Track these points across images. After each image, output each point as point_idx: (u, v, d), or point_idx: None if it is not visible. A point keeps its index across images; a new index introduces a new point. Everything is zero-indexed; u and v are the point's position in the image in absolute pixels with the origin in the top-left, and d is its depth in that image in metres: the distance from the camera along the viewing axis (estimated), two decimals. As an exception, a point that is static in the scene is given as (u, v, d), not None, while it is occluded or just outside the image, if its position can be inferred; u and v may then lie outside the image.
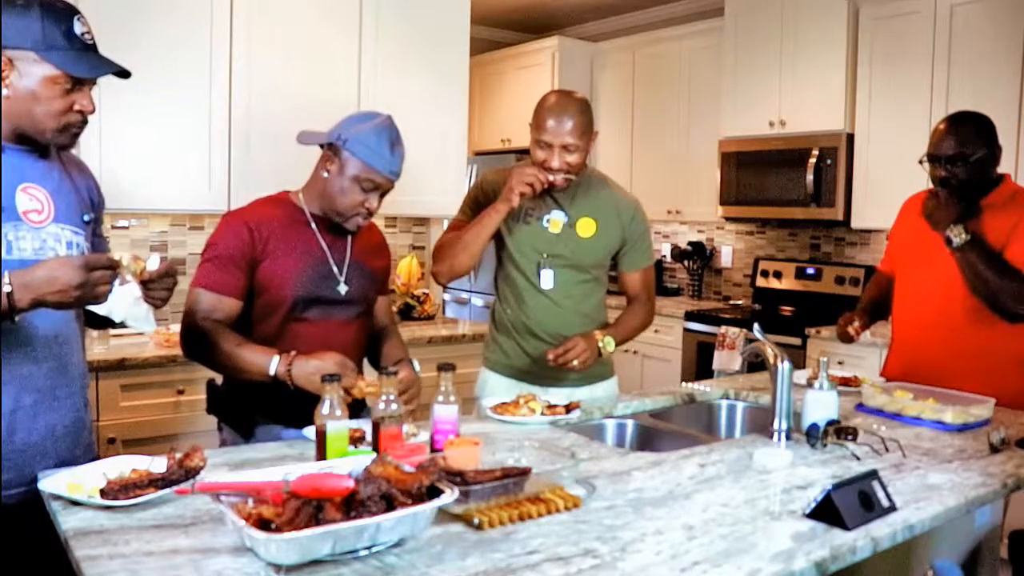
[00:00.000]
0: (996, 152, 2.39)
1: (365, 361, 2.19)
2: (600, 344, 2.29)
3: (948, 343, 2.41)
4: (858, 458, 1.80)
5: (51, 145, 1.63)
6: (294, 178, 2.17)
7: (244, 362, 1.87)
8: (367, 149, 1.92)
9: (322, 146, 2.00)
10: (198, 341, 1.93)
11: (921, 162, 2.44)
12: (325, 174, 1.98)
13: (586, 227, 2.39)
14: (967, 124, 2.38)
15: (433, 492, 1.29)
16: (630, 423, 2.26)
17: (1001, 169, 2.45)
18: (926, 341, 2.47)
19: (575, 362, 2.23)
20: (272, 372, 1.83)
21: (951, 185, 2.34)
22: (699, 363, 4.64)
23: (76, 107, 1.59)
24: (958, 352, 2.39)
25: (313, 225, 2.03)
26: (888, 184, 4.02)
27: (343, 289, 2.03)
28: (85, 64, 1.58)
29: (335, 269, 2.03)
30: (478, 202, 2.42)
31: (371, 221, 2.10)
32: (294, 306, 1.97)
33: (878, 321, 2.71)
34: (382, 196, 2.00)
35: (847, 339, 2.57)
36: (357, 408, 2.08)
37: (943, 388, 2.26)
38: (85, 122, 1.63)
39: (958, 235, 2.25)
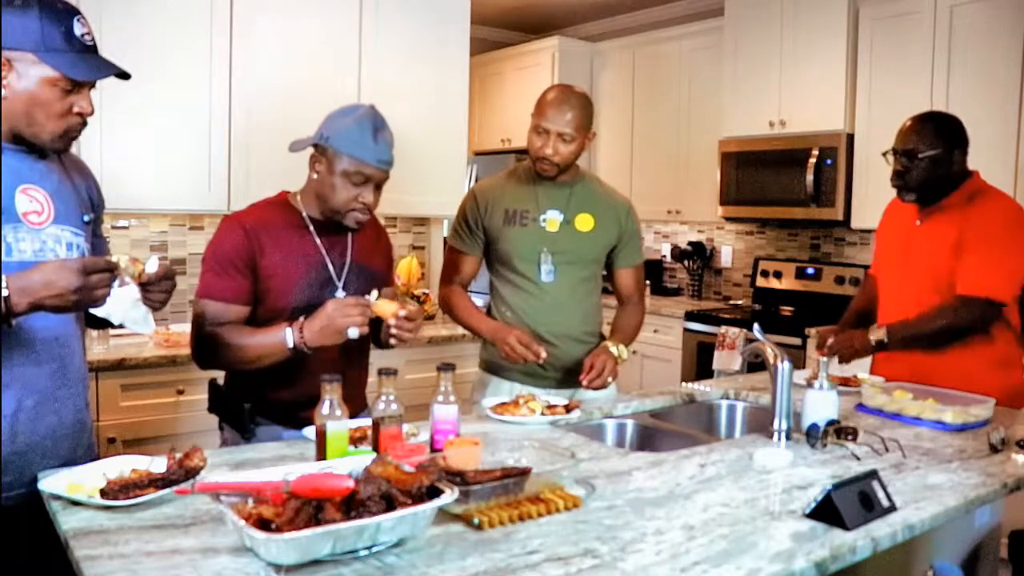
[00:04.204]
0: (955, 153, 2.43)
1: (367, 362, 2.19)
2: (615, 353, 2.31)
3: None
4: (858, 458, 1.80)
5: (47, 148, 1.61)
6: (294, 178, 2.16)
7: (260, 348, 1.88)
8: (351, 142, 1.89)
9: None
10: (209, 348, 1.92)
11: (884, 155, 2.51)
12: (315, 175, 1.97)
13: (584, 222, 2.42)
14: (928, 123, 2.47)
15: (433, 492, 1.29)
16: (630, 423, 2.26)
17: (1001, 170, 2.46)
18: None
19: (609, 379, 2.27)
20: (291, 345, 1.85)
21: (903, 178, 2.45)
22: (699, 363, 4.64)
23: (75, 109, 1.57)
24: (936, 352, 2.40)
25: (311, 228, 2.01)
26: (888, 184, 3.98)
27: (341, 296, 1.98)
28: (84, 66, 1.55)
29: (333, 275, 2.01)
30: (474, 221, 2.45)
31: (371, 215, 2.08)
32: (293, 315, 1.94)
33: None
34: (377, 189, 1.97)
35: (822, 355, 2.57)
36: (357, 408, 2.08)
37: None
38: (84, 124, 1.61)
39: (879, 336, 2.37)
